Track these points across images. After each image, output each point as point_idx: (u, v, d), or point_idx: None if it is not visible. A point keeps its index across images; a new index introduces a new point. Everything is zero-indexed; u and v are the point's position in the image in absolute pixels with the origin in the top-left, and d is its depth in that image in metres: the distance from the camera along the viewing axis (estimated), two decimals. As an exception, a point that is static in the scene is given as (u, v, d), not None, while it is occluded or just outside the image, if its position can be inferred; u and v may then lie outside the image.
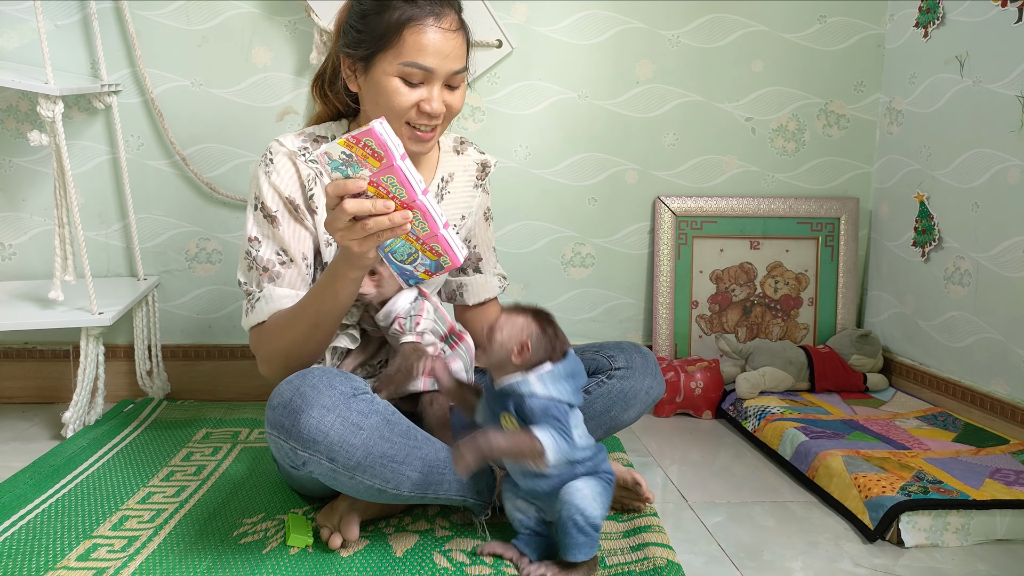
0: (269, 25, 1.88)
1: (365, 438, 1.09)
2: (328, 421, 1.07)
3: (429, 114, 1.22)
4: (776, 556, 1.25)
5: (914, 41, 1.92)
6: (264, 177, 1.27)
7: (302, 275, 1.28)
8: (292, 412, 1.08)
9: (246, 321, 1.28)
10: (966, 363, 1.77)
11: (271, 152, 1.29)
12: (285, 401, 1.09)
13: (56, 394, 1.95)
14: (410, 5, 1.19)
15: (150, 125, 1.90)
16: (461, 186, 1.42)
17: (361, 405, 1.11)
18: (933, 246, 1.86)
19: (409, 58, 1.19)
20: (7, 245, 1.93)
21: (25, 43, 1.84)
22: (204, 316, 1.99)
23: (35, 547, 1.22)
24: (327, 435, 1.07)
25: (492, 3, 1.90)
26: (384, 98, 1.22)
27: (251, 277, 1.28)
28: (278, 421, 1.09)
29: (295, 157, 1.28)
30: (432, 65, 1.20)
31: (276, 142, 1.30)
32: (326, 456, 1.08)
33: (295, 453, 1.09)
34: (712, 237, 2.06)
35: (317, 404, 1.07)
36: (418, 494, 1.16)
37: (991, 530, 1.29)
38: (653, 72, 1.99)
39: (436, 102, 1.22)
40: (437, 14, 1.20)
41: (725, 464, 1.62)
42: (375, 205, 1.02)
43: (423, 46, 1.19)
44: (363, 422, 1.10)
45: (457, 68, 1.23)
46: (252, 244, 1.28)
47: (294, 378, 1.12)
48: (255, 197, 1.28)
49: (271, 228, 1.27)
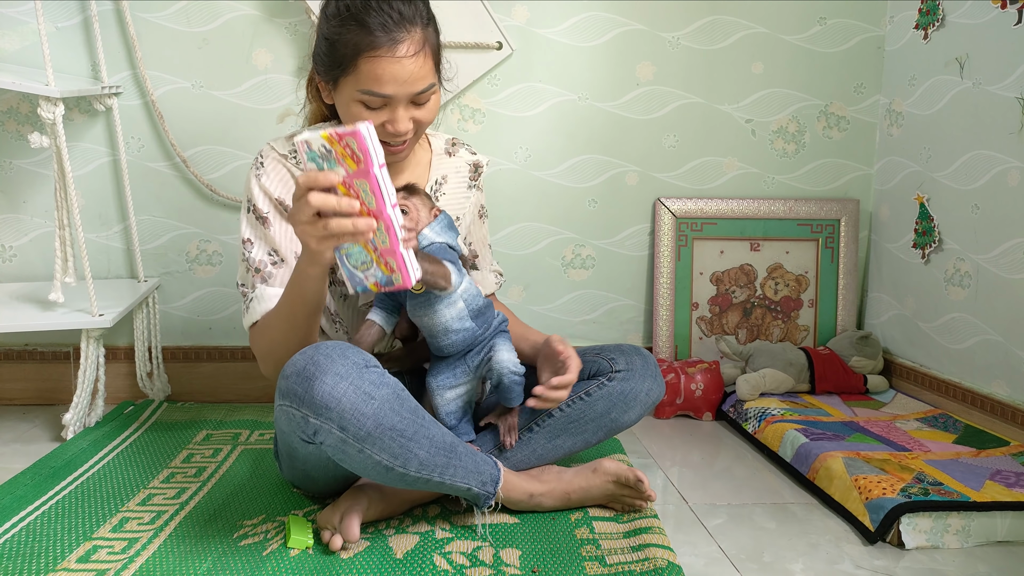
0: (269, 27, 1.88)
1: (376, 408, 1.10)
2: (341, 388, 1.08)
3: (394, 134, 1.22)
4: (777, 558, 1.25)
5: (914, 43, 1.93)
6: (255, 180, 1.29)
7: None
8: (306, 379, 1.09)
9: (244, 321, 1.31)
10: (966, 365, 1.77)
11: (262, 155, 1.31)
12: (299, 369, 1.10)
13: (56, 396, 1.95)
14: (364, 32, 1.16)
15: (151, 127, 1.91)
16: (454, 188, 1.44)
17: (373, 376, 1.12)
18: (933, 248, 1.86)
19: (366, 87, 1.18)
20: (8, 247, 1.93)
21: (26, 45, 1.85)
22: (204, 318, 1.99)
23: (35, 549, 1.22)
24: (340, 401, 1.08)
25: (492, 5, 1.90)
26: (349, 120, 1.23)
27: (246, 278, 1.30)
28: (291, 389, 1.10)
29: (286, 160, 1.30)
30: (390, 92, 1.18)
31: (267, 145, 1.32)
32: (337, 424, 1.08)
33: (306, 422, 1.09)
34: (712, 239, 2.06)
35: (331, 371, 1.08)
36: (424, 475, 1.16)
37: (992, 532, 1.29)
38: (653, 74, 2.00)
39: (401, 123, 1.21)
40: (392, 41, 1.16)
41: (725, 466, 1.62)
42: (340, 203, 1.00)
43: (378, 76, 1.17)
44: (375, 392, 1.10)
45: (420, 89, 1.20)
46: (246, 246, 1.30)
47: (308, 349, 1.13)
48: (247, 199, 1.30)
49: (262, 229, 1.29)
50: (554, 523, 1.31)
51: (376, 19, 1.16)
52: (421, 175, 1.40)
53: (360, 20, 1.16)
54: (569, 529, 1.29)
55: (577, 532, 1.28)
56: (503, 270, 1.59)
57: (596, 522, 1.32)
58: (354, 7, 1.17)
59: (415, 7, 1.20)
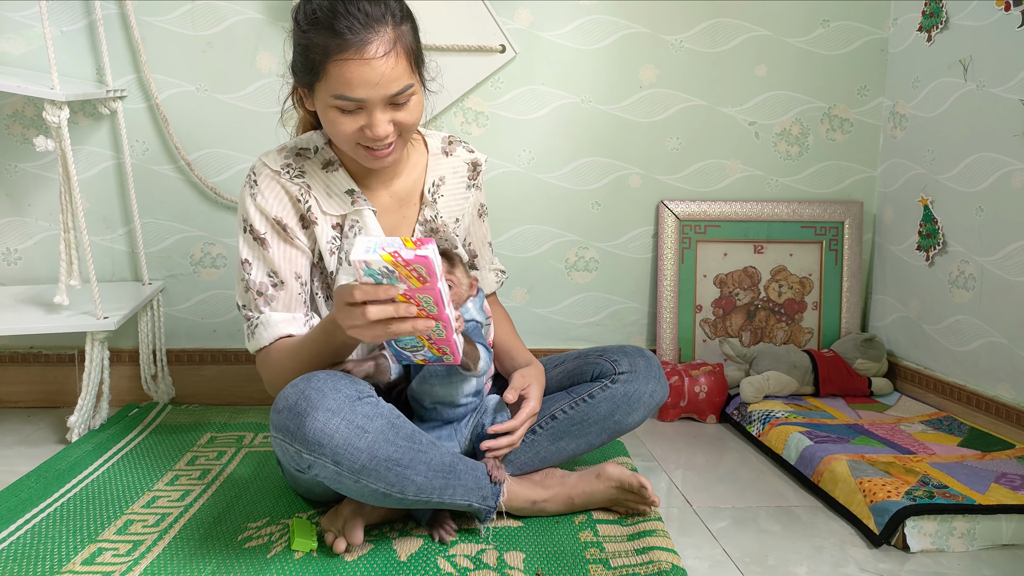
0: (273, 30, 1.89)
1: (370, 441, 1.09)
2: (333, 424, 1.07)
3: (374, 138, 1.18)
4: (781, 561, 1.24)
5: (917, 45, 1.92)
6: (250, 200, 1.27)
7: (294, 296, 1.28)
8: (297, 415, 1.08)
9: (249, 345, 1.29)
10: (971, 367, 1.77)
11: (255, 173, 1.28)
12: (290, 404, 1.09)
13: (61, 398, 1.95)
14: (332, 35, 1.12)
15: (155, 130, 1.91)
16: (452, 188, 1.40)
17: (366, 408, 1.11)
18: (937, 250, 1.86)
19: (337, 91, 1.14)
20: (13, 250, 1.94)
21: (31, 49, 1.85)
22: (209, 320, 1.99)
23: (40, 551, 1.22)
24: (332, 438, 1.07)
25: (495, 8, 1.90)
26: (328, 127, 1.20)
27: (247, 299, 1.28)
28: (283, 424, 1.10)
29: (279, 176, 1.27)
30: (362, 96, 1.14)
31: (260, 161, 1.29)
32: (331, 459, 1.08)
33: (300, 456, 1.09)
34: (716, 241, 2.06)
35: (322, 407, 1.08)
36: (423, 498, 1.16)
37: (997, 535, 1.29)
38: (656, 77, 2.00)
39: (379, 126, 1.16)
40: (360, 43, 1.11)
41: (730, 468, 1.62)
42: (398, 310, 1.02)
43: (348, 80, 1.13)
44: (368, 425, 1.10)
45: (394, 91, 1.15)
46: (244, 267, 1.28)
47: (299, 381, 1.12)
48: (243, 219, 1.28)
49: (260, 250, 1.27)
50: (558, 526, 1.31)
51: (343, 22, 1.12)
52: (417, 177, 1.37)
53: (327, 24, 1.12)
54: (573, 532, 1.29)
55: (581, 535, 1.28)
56: (505, 268, 1.58)
57: (600, 525, 1.32)
58: (321, 11, 1.13)
59: (384, 6, 1.15)
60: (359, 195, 1.29)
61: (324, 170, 1.29)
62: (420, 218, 1.36)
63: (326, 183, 1.29)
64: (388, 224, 1.33)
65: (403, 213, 1.35)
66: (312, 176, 1.28)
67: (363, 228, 1.28)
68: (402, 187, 1.35)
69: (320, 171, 1.29)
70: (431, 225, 1.36)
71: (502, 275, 1.53)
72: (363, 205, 1.29)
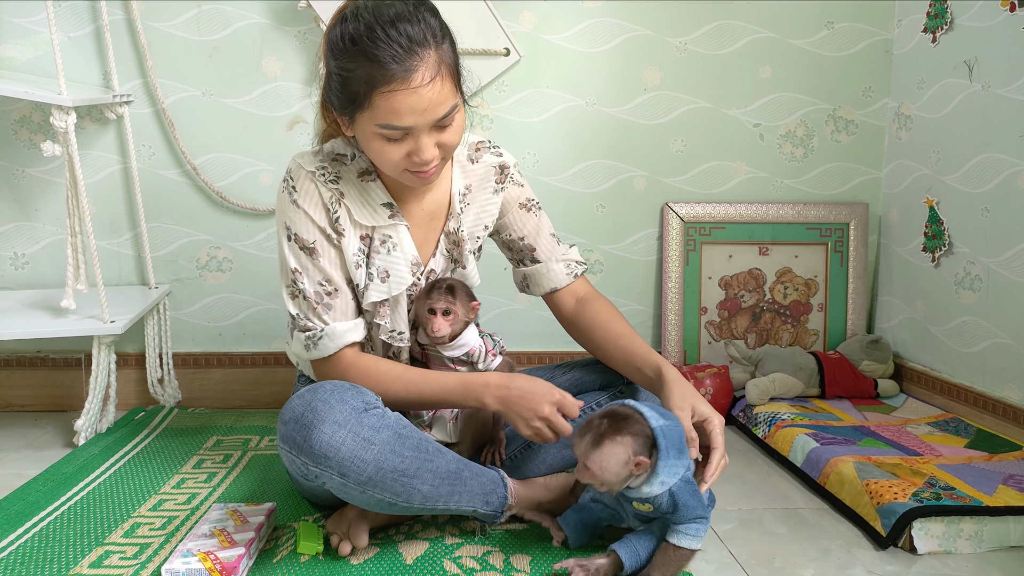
0: (279, 35, 1.90)
1: (376, 453, 1.09)
2: (340, 436, 1.08)
3: (421, 163, 1.15)
4: (787, 563, 1.24)
5: (922, 46, 1.92)
6: (292, 206, 1.22)
7: (349, 300, 1.25)
8: (304, 427, 1.08)
9: (306, 354, 1.24)
10: (978, 368, 1.76)
11: (292, 175, 1.23)
12: (297, 416, 1.09)
13: (68, 402, 1.96)
14: (374, 66, 1.07)
15: (161, 135, 1.92)
16: (480, 196, 1.36)
17: (372, 420, 1.11)
18: (943, 251, 1.85)
19: (383, 120, 1.10)
20: (20, 254, 1.95)
21: (39, 55, 1.86)
22: (215, 324, 2.00)
23: (48, 554, 1.22)
24: (339, 451, 1.07)
25: (499, 9, 1.91)
26: (373, 155, 1.16)
27: (303, 309, 1.24)
28: (290, 436, 1.10)
29: (315, 177, 1.22)
30: (409, 123, 1.10)
31: (295, 163, 1.24)
32: (337, 472, 1.08)
33: (307, 468, 1.10)
34: (721, 243, 2.06)
35: (329, 419, 1.08)
36: (429, 506, 1.17)
37: (1004, 537, 1.28)
38: (661, 79, 2.00)
39: (426, 151, 1.13)
40: (405, 72, 1.07)
41: (736, 471, 1.62)
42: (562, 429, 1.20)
43: (395, 110, 1.08)
44: (374, 437, 1.10)
45: (441, 114, 1.12)
46: (296, 276, 1.23)
47: (306, 392, 1.12)
48: (286, 227, 1.23)
49: (309, 259, 1.22)
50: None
51: (385, 51, 1.06)
52: (445, 188, 1.33)
53: (368, 54, 1.07)
54: (579, 534, 1.29)
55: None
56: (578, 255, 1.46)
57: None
58: (360, 39, 1.07)
59: (424, 25, 1.09)
60: (397, 210, 1.26)
61: (360, 178, 1.25)
62: (445, 229, 1.33)
63: (361, 192, 1.25)
64: (418, 238, 1.30)
65: (432, 226, 1.32)
66: (347, 183, 1.24)
67: (397, 244, 1.26)
68: (432, 200, 1.32)
69: (356, 179, 1.25)
70: (453, 238, 1.33)
71: (577, 266, 1.41)
72: (399, 220, 1.26)
